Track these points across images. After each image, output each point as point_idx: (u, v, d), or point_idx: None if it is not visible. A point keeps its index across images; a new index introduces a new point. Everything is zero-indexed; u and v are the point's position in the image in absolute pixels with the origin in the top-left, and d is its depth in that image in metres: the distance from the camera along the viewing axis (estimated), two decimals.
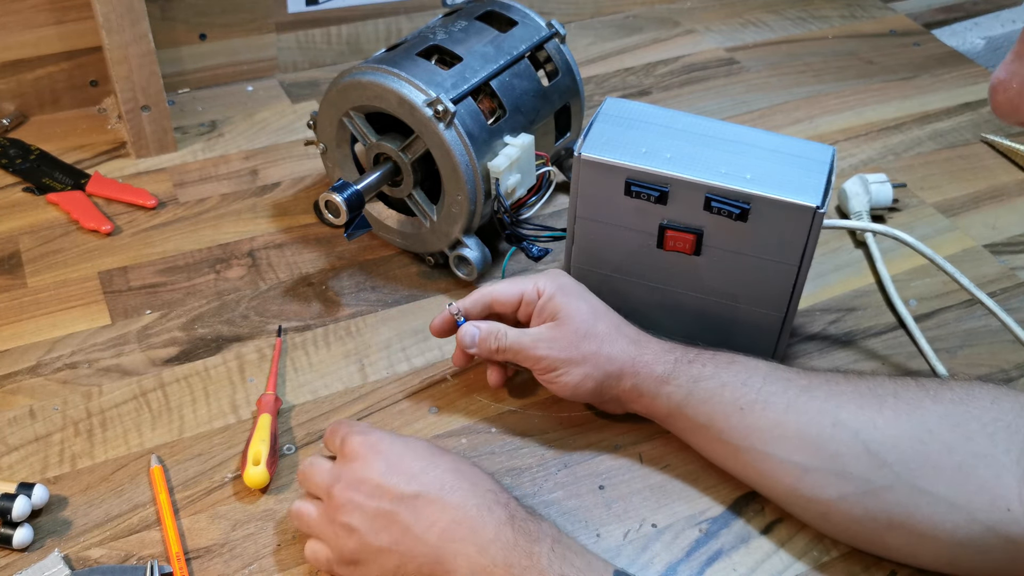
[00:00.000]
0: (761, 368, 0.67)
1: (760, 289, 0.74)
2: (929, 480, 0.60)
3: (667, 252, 0.75)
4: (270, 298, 0.84)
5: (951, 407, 0.62)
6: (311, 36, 1.11)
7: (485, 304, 0.73)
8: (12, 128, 1.00)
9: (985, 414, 0.61)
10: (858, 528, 0.63)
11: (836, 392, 0.65)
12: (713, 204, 0.71)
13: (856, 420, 0.63)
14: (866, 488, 0.62)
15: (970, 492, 0.59)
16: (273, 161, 0.99)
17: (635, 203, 0.73)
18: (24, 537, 0.63)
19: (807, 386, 0.65)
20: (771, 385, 0.66)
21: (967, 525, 0.59)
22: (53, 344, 0.78)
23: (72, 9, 0.97)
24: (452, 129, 0.78)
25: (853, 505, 0.62)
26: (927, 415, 0.62)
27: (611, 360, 0.69)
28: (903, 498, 0.61)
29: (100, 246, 0.88)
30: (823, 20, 1.30)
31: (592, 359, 0.69)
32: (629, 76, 1.16)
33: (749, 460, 0.66)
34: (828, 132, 1.08)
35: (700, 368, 0.68)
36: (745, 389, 0.66)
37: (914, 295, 0.87)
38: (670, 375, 0.68)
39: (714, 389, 0.67)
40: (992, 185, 1.01)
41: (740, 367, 0.68)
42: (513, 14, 0.88)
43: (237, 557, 0.64)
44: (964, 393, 0.63)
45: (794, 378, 0.66)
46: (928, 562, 0.63)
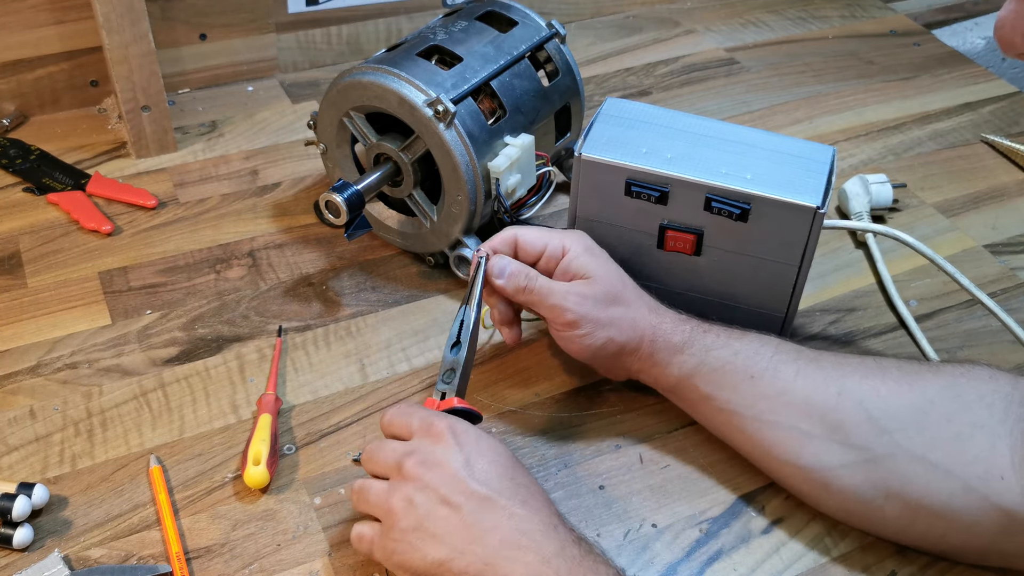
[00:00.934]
0: (772, 341, 0.69)
1: (760, 289, 0.74)
2: (927, 448, 0.61)
3: (667, 252, 0.75)
4: (270, 298, 0.84)
5: (951, 379, 0.64)
6: (311, 36, 1.11)
7: (511, 244, 0.72)
8: (12, 128, 1.00)
9: (983, 385, 0.63)
10: (855, 499, 0.64)
11: (842, 363, 0.67)
12: (713, 204, 0.71)
13: (860, 389, 0.64)
14: (867, 456, 0.63)
15: (966, 461, 0.61)
16: (273, 161, 0.99)
17: (635, 203, 0.73)
18: (24, 537, 0.63)
19: (815, 357, 0.67)
20: (782, 355, 0.67)
21: (962, 494, 0.60)
22: (53, 344, 0.78)
23: (72, 9, 0.97)
24: (452, 129, 0.78)
25: (854, 473, 0.63)
26: (928, 386, 0.64)
27: (635, 326, 0.70)
28: (901, 466, 0.62)
29: (100, 246, 0.88)
30: (823, 20, 1.30)
31: (618, 323, 0.69)
32: (629, 76, 1.16)
33: (754, 429, 0.67)
34: (828, 132, 1.08)
35: (714, 338, 0.69)
36: (757, 358, 0.67)
37: (914, 295, 0.87)
38: (685, 344, 0.69)
39: (727, 358, 0.68)
40: (992, 185, 1.01)
41: (752, 338, 0.69)
42: (513, 14, 0.88)
43: (237, 557, 0.64)
44: (964, 369, 0.65)
45: (804, 351, 0.68)
46: (919, 535, 0.64)
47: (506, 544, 0.56)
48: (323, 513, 0.67)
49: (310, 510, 0.67)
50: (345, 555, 0.65)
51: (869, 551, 0.66)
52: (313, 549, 0.65)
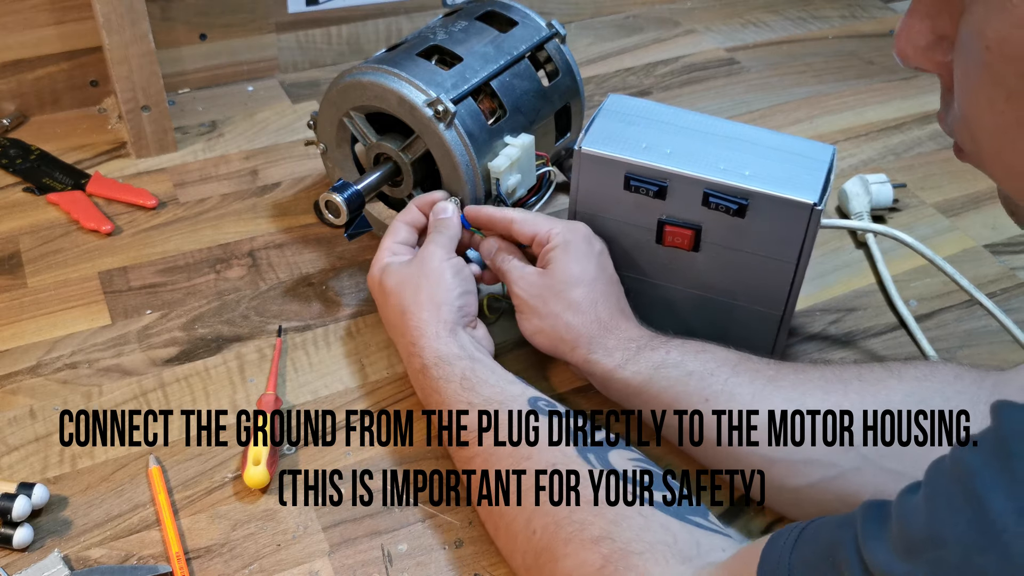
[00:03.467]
0: (731, 359, 0.67)
1: (758, 286, 0.74)
2: (895, 459, 0.61)
3: (666, 248, 0.75)
4: (270, 298, 0.84)
5: (915, 384, 0.63)
6: (311, 36, 1.11)
7: (506, 224, 0.75)
8: (12, 128, 1.00)
9: (948, 388, 0.62)
10: (830, 512, 0.64)
11: (802, 380, 0.65)
12: (711, 199, 0.71)
13: (821, 405, 0.63)
14: (835, 473, 0.62)
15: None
16: (273, 161, 0.99)
17: (634, 198, 0.73)
18: (24, 537, 0.63)
19: (774, 376, 0.66)
20: (738, 376, 0.66)
21: None
22: (53, 344, 0.78)
23: (72, 9, 0.97)
24: (452, 129, 0.78)
25: (823, 491, 0.63)
26: (892, 394, 0.63)
27: (568, 329, 0.70)
28: (871, 479, 0.61)
29: (100, 246, 0.88)
30: (823, 20, 1.30)
31: (551, 318, 0.71)
32: (629, 76, 1.16)
33: (715, 452, 0.67)
34: (828, 132, 1.08)
35: (664, 355, 0.68)
36: (711, 379, 0.66)
37: (914, 295, 0.87)
38: (627, 363, 0.68)
39: (678, 377, 0.67)
40: (992, 185, 1.00)
41: (709, 356, 0.68)
42: (513, 14, 0.88)
43: (237, 557, 0.64)
44: (928, 371, 0.64)
45: (762, 368, 0.67)
46: None
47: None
48: (323, 513, 0.67)
49: (310, 510, 0.67)
50: (345, 555, 0.65)
51: None
52: (313, 549, 0.65)
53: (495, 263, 0.75)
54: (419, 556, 0.65)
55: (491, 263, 0.76)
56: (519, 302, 0.73)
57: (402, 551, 0.65)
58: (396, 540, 0.66)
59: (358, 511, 0.67)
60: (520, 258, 0.75)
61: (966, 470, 0.39)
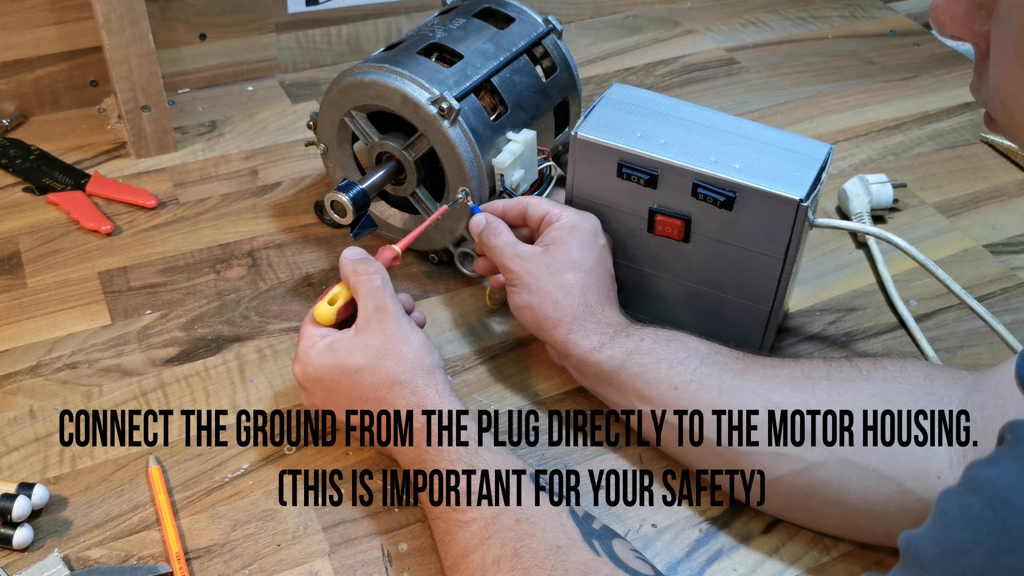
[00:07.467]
0: (701, 350, 0.68)
1: (746, 280, 0.75)
2: (860, 455, 0.61)
3: (657, 237, 0.75)
4: (270, 298, 0.84)
5: (883, 386, 0.64)
6: (311, 36, 1.11)
7: (520, 211, 0.75)
8: (12, 128, 1.00)
9: (917, 389, 0.63)
10: (794, 506, 0.65)
11: (770, 376, 0.66)
12: (699, 190, 0.71)
13: (789, 402, 0.64)
14: (801, 467, 0.63)
15: (900, 463, 0.61)
16: (273, 161, 0.99)
17: (627, 185, 0.74)
18: (24, 537, 0.63)
19: (742, 370, 0.66)
20: (707, 367, 0.66)
21: (898, 497, 0.61)
22: (53, 344, 0.78)
23: (72, 9, 0.97)
24: (457, 126, 0.78)
25: (789, 485, 0.63)
26: (859, 395, 0.63)
27: (556, 308, 0.70)
28: (835, 474, 0.62)
29: (100, 246, 0.88)
30: (823, 20, 1.30)
31: (540, 295, 0.71)
32: (629, 76, 1.16)
33: (682, 451, 0.67)
34: (828, 132, 1.08)
35: (638, 342, 0.68)
36: (681, 368, 0.67)
37: (914, 295, 0.87)
38: (602, 347, 0.69)
39: (648, 364, 0.67)
40: (992, 185, 1.01)
41: (680, 346, 0.68)
42: (510, 11, 0.88)
43: (237, 557, 0.64)
44: (897, 371, 0.64)
45: (730, 362, 0.67)
46: (866, 537, 0.65)
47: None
48: (323, 513, 0.67)
49: (310, 510, 0.67)
50: (345, 555, 0.65)
51: (869, 550, 0.66)
52: (313, 549, 0.65)
53: (481, 238, 0.74)
54: (419, 556, 0.65)
55: (477, 238, 0.75)
56: (513, 276, 0.72)
57: (402, 551, 0.65)
58: (396, 540, 0.66)
59: (358, 511, 0.67)
60: (509, 234, 0.74)
61: (986, 479, 0.39)
